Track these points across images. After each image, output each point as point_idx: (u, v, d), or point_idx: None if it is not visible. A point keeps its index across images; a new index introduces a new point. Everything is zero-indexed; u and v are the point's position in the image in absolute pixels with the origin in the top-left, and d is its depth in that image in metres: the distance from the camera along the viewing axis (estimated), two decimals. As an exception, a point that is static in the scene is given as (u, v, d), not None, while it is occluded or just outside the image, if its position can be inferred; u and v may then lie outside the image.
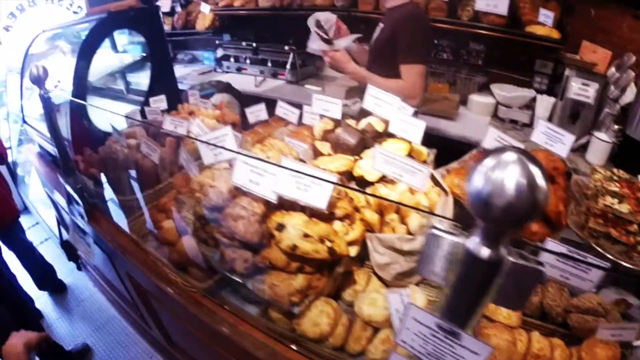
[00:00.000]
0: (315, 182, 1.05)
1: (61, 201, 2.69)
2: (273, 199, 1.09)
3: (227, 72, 4.05)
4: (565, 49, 2.83)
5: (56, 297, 3.21)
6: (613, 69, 2.76)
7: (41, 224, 3.74)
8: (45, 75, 1.75)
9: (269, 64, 3.76)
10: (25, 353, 1.31)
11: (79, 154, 2.02)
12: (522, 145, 1.57)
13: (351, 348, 1.06)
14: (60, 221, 3.09)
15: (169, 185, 1.86)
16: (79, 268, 3.37)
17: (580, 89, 2.68)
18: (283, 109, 2.05)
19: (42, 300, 3.18)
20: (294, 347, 1.10)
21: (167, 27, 4.33)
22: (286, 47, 3.62)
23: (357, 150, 1.61)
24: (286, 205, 1.11)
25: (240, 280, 1.14)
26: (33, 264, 3.08)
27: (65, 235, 3.30)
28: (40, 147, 2.69)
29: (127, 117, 2.01)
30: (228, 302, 1.33)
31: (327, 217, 1.13)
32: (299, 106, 2.00)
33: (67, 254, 3.31)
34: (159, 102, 2.17)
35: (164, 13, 4.15)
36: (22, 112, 2.76)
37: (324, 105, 1.79)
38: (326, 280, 1.14)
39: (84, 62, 2.00)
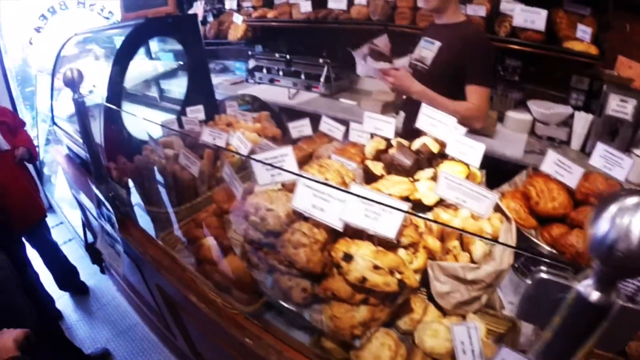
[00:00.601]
0: (386, 210, 0.96)
1: (88, 204, 2.64)
2: (339, 227, 1.00)
3: (259, 83, 3.95)
4: (602, 65, 2.72)
5: (77, 298, 3.15)
6: (651, 86, 2.65)
7: (65, 224, 3.70)
8: (80, 78, 1.67)
9: (302, 77, 3.68)
10: (15, 349, 1.36)
11: (111, 160, 1.95)
12: (581, 170, 1.48)
13: None
14: (86, 224, 3.04)
15: (207, 199, 1.78)
16: (102, 271, 3.32)
17: (619, 106, 2.58)
18: (327, 125, 1.95)
19: (62, 300, 3.12)
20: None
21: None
22: (321, 60, 3.55)
23: (411, 172, 1.53)
24: (349, 232, 1.02)
25: (296, 310, 1.05)
26: (56, 264, 3.02)
27: (90, 238, 3.25)
28: (69, 148, 2.63)
29: (164, 126, 1.94)
30: (272, 326, 1.25)
31: (391, 245, 1.04)
32: (343, 122, 1.92)
33: (91, 257, 3.26)
34: (197, 112, 2.10)
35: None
36: (51, 112, 2.71)
37: (376, 124, 1.71)
38: (388, 312, 1.06)
39: (119, 67, 1.92)
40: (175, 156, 1.77)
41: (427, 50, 2.21)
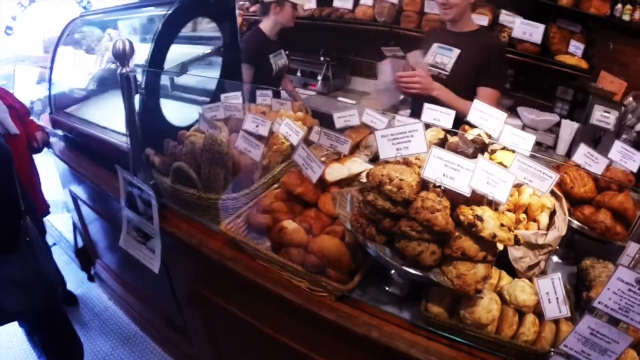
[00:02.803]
0: (502, 178, 1.06)
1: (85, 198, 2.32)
2: (467, 193, 1.06)
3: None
4: (586, 78, 2.94)
5: (67, 309, 2.73)
6: (630, 99, 2.89)
7: (48, 228, 3.23)
8: (131, 51, 1.46)
9: (299, 74, 3.58)
10: None
11: (149, 146, 1.72)
12: (607, 160, 1.61)
13: (504, 333, 1.07)
14: (79, 224, 2.66)
15: (265, 184, 1.62)
16: (90, 279, 2.92)
17: (602, 116, 2.78)
18: (370, 116, 1.90)
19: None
20: (448, 339, 1.11)
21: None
22: (322, 58, 3.47)
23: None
24: (461, 199, 1.08)
25: (422, 274, 1.06)
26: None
27: (80, 242, 2.85)
28: (70, 138, 2.30)
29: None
30: (363, 303, 1.23)
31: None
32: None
33: (81, 263, 2.86)
34: (234, 98, 1.92)
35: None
36: (50, 102, 2.37)
37: (435, 115, 1.71)
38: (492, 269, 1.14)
39: (160, 48, 1.70)
40: (228, 141, 1.60)
41: (445, 57, 2.22)
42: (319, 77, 3.50)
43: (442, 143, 1.68)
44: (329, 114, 2.03)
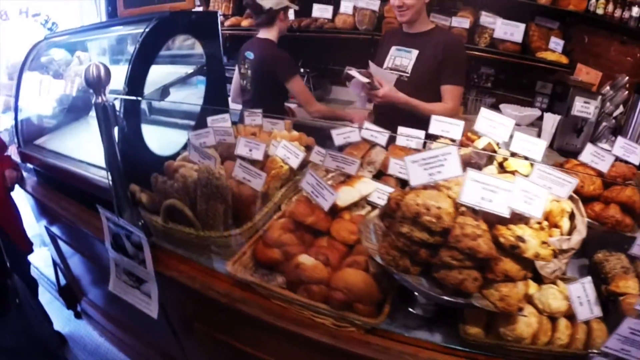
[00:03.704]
0: (537, 194, 1.03)
1: (64, 236, 2.10)
2: (507, 214, 1.00)
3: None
4: (564, 72, 2.94)
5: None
6: (608, 88, 2.92)
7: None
8: (107, 77, 1.27)
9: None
10: None
11: (132, 181, 1.54)
12: (613, 157, 1.63)
13: (541, 341, 1.05)
14: (60, 262, 2.42)
15: (267, 215, 1.48)
16: (77, 316, 2.68)
17: (583, 107, 2.80)
18: (370, 132, 1.81)
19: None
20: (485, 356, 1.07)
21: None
22: (302, 70, 3.32)
23: (481, 169, 1.51)
24: (493, 218, 1.02)
25: (463, 301, 1.00)
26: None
27: (62, 280, 2.61)
28: (46, 174, 2.07)
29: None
30: (394, 333, 1.14)
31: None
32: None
33: (66, 302, 2.61)
34: (222, 121, 1.76)
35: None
36: (17, 133, 2.12)
37: (443, 126, 1.64)
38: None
39: (139, 70, 1.51)
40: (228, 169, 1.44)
41: (405, 58, 2.21)
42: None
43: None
44: (320, 127, 1.91)
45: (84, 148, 1.87)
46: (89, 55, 2.07)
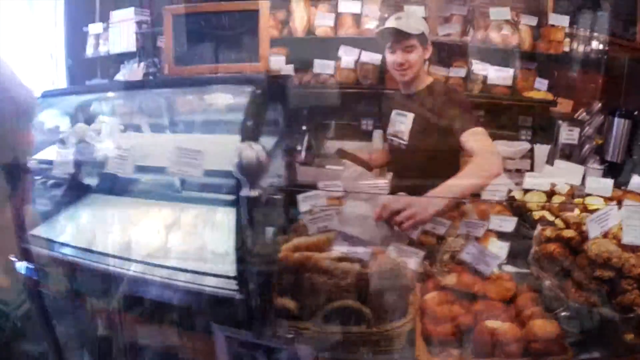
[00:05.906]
0: None
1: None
2: None
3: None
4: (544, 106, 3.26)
5: None
6: (584, 114, 3.29)
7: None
8: (267, 163, 0.96)
9: (281, 147, 3.20)
10: None
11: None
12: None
13: None
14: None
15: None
16: None
17: (568, 134, 3.12)
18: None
19: None
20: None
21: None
22: (304, 127, 3.17)
23: None
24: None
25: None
26: None
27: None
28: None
29: None
30: None
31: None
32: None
33: None
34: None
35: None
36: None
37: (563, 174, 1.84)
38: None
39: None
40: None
41: (401, 123, 2.04)
42: (300, 147, 3.17)
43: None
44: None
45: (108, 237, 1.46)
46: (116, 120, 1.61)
